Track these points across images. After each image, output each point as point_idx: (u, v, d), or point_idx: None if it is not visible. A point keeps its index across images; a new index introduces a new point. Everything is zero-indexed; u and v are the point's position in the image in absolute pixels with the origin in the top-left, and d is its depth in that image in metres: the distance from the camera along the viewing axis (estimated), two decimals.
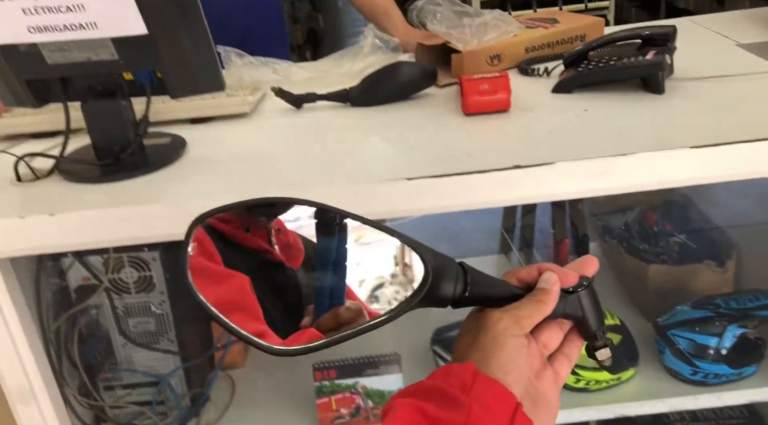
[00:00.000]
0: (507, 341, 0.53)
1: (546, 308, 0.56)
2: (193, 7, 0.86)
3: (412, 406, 0.48)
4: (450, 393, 0.48)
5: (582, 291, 0.58)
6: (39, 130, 1.08)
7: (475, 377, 0.50)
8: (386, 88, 1.12)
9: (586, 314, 0.58)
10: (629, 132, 0.89)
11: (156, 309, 1.04)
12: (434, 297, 0.53)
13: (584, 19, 1.28)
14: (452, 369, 0.51)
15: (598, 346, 0.59)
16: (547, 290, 0.56)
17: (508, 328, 0.54)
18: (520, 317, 0.54)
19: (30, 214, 0.82)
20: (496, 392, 0.50)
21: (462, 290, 0.54)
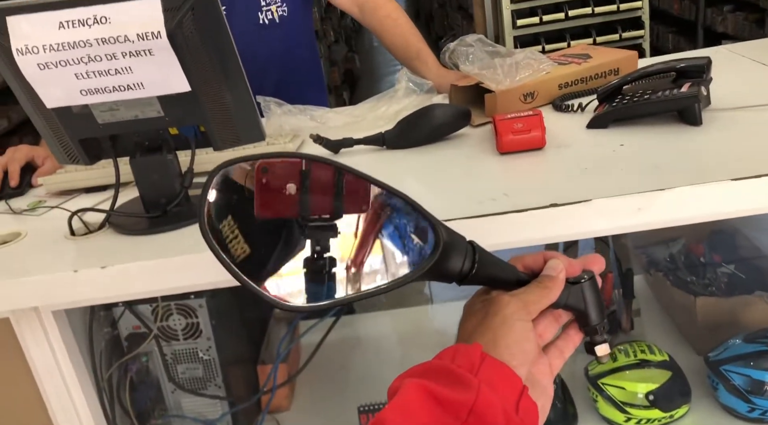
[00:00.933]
0: (515, 324, 0.54)
1: (552, 294, 0.57)
2: (234, 63, 0.90)
3: (420, 386, 0.48)
4: (458, 374, 0.49)
5: (585, 282, 0.59)
6: (90, 184, 1.13)
7: (483, 358, 0.50)
8: (421, 130, 1.14)
9: (588, 306, 0.59)
10: (667, 166, 0.89)
11: (203, 355, 1.07)
12: (442, 269, 0.54)
13: (617, 53, 1.29)
14: (460, 349, 0.51)
15: (598, 341, 0.60)
16: (554, 277, 0.57)
17: (517, 312, 0.55)
18: (528, 302, 0.55)
19: (83, 268, 0.85)
20: (504, 374, 0.50)
21: (470, 267, 0.55)
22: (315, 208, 0.54)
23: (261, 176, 0.54)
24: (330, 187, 0.55)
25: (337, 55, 6.27)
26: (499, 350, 0.52)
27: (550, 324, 0.59)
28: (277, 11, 1.51)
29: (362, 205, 0.55)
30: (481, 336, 0.54)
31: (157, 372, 1.08)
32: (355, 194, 0.56)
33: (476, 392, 0.47)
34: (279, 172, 0.54)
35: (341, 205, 0.55)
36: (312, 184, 0.54)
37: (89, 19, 0.82)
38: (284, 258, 0.55)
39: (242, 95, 0.93)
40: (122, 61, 0.84)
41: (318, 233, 0.55)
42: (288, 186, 0.54)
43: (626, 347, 1.17)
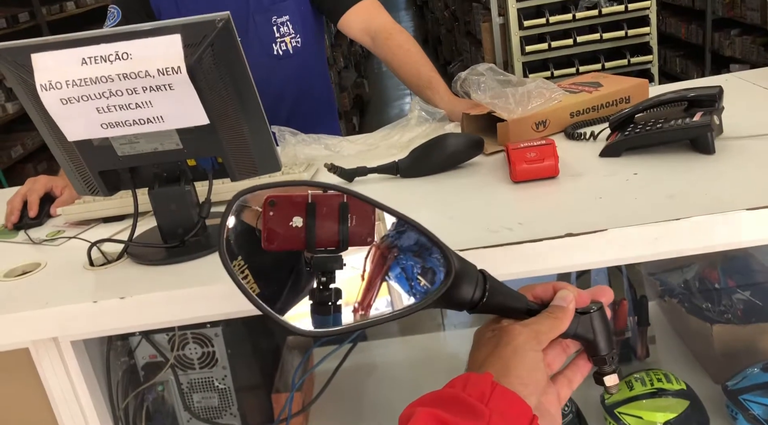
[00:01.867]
0: (527, 354, 0.55)
1: (562, 325, 0.57)
2: (251, 96, 0.91)
3: (431, 415, 0.48)
4: (469, 403, 0.49)
5: (594, 312, 0.59)
6: (108, 214, 1.15)
7: (493, 388, 0.51)
8: (434, 158, 1.15)
9: (597, 336, 0.59)
10: (681, 195, 0.89)
11: (219, 384, 1.07)
12: (454, 297, 0.55)
13: (628, 81, 1.30)
14: (471, 378, 0.52)
15: (607, 371, 0.60)
16: (564, 308, 0.58)
17: (528, 342, 0.55)
18: (540, 332, 0.56)
19: (102, 298, 0.86)
20: (514, 403, 0.51)
21: (480, 295, 0.56)
22: (321, 240, 0.55)
23: (268, 209, 0.55)
24: (335, 219, 0.56)
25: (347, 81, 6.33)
26: (511, 379, 0.53)
27: (559, 355, 0.60)
28: (291, 42, 1.54)
29: (367, 237, 0.57)
30: (493, 365, 0.55)
31: (173, 401, 1.09)
32: (361, 226, 0.57)
33: (487, 422, 0.48)
34: (286, 206, 0.55)
35: (347, 237, 0.56)
36: (318, 217, 0.55)
37: (111, 55, 0.84)
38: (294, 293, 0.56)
39: (259, 126, 0.95)
40: (143, 95, 0.85)
41: (324, 264, 0.56)
42: (294, 219, 0.55)
43: (642, 375, 1.16)
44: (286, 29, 1.54)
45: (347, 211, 0.56)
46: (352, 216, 0.56)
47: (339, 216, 0.56)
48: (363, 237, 0.57)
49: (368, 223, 0.57)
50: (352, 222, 0.56)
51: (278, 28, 1.54)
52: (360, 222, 0.56)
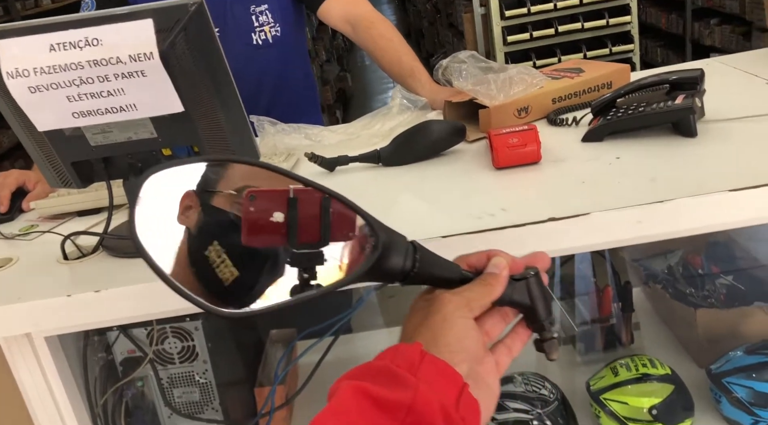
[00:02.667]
0: (456, 321, 0.54)
1: (495, 291, 0.57)
2: (227, 83, 0.89)
3: (356, 388, 0.48)
4: (397, 373, 0.48)
5: (530, 278, 0.59)
6: (83, 208, 1.12)
7: (422, 357, 0.50)
8: (416, 146, 1.14)
9: (534, 302, 0.59)
10: (664, 178, 0.88)
11: (200, 378, 1.05)
12: (383, 269, 0.54)
13: (609, 66, 1.29)
14: (400, 349, 0.51)
15: (546, 337, 0.59)
16: (496, 274, 0.57)
17: (458, 309, 0.55)
18: (470, 299, 0.56)
19: (76, 292, 0.84)
20: (444, 372, 0.50)
21: (411, 265, 0.55)
22: (302, 236, 0.54)
23: (248, 204, 0.54)
24: (317, 214, 0.55)
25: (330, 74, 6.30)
26: (440, 348, 0.52)
27: (497, 323, 0.59)
28: (270, 31, 1.52)
29: (349, 232, 0.56)
30: (422, 334, 0.54)
31: (152, 397, 1.07)
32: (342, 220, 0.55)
33: (414, 391, 0.47)
34: (266, 200, 0.54)
35: (328, 232, 0.55)
36: (300, 212, 0.54)
37: (80, 41, 0.81)
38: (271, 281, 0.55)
39: (236, 115, 0.92)
40: (114, 82, 0.83)
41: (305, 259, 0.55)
42: (275, 214, 0.54)
43: (627, 361, 1.16)
44: (265, 18, 1.52)
45: (329, 205, 0.55)
46: (334, 210, 0.55)
47: (320, 212, 0.55)
48: (345, 232, 0.55)
49: (349, 217, 0.55)
50: (333, 216, 0.55)
51: (257, 17, 1.51)
52: (341, 217, 0.55)
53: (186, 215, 0.53)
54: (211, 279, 0.52)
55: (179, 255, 0.52)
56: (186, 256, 0.52)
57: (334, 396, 0.48)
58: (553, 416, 1.12)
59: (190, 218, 0.53)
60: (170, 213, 0.53)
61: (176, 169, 0.54)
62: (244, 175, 0.55)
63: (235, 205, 0.54)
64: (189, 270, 0.52)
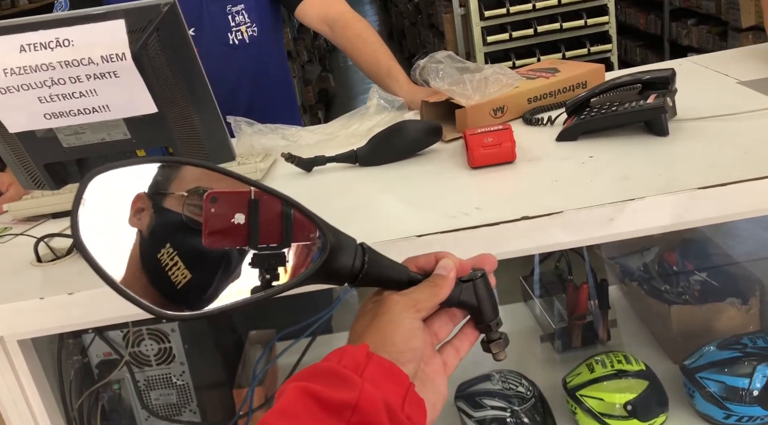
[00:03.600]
0: (403, 323, 0.55)
1: (442, 293, 0.57)
2: (201, 83, 0.89)
3: (302, 389, 0.48)
4: (342, 374, 0.49)
5: (477, 280, 0.60)
6: (57, 210, 1.11)
7: (369, 358, 0.51)
8: (393, 146, 1.14)
9: (481, 304, 0.60)
10: (636, 176, 0.90)
11: (177, 380, 1.05)
12: (332, 270, 0.55)
13: (584, 66, 1.30)
14: (347, 350, 0.52)
15: (493, 338, 0.61)
16: (444, 276, 0.58)
17: (406, 310, 0.55)
18: (418, 300, 0.56)
19: (49, 294, 0.83)
20: (390, 372, 0.51)
21: (360, 267, 0.56)
22: (264, 237, 0.54)
23: (209, 206, 0.53)
24: (278, 215, 0.55)
25: (311, 74, 6.28)
26: (387, 348, 0.53)
27: (445, 324, 0.60)
28: (246, 31, 1.51)
29: (310, 233, 0.56)
30: (370, 335, 0.55)
31: (129, 400, 1.06)
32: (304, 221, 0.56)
33: (359, 390, 0.48)
34: (227, 202, 0.54)
35: (290, 233, 0.55)
36: (261, 213, 0.54)
37: (51, 42, 0.81)
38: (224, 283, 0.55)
39: (210, 115, 0.92)
40: (87, 83, 0.83)
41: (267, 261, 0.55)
42: (236, 215, 0.54)
43: (603, 358, 1.17)
44: (241, 18, 1.51)
45: (290, 206, 0.55)
46: (295, 211, 0.55)
47: (282, 212, 0.55)
48: (306, 233, 0.56)
49: (310, 218, 0.55)
50: (295, 217, 0.55)
51: (233, 17, 1.51)
52: (302, 217, 0.55)
53: (138, 217, 0.52)
54: (164, 283, 0.52)
55: (131, 258, 0.52)
56: (138, 259, 0.52)
57: (281, 397, 0.48)
58: (530, 413, 1.13)
59: (142, 220, 0.52)
60: (119, 215, 0.52)
61: (124, 170, 0.53)
62: (197, 177, 0.55)
63: (189, 207, 0.54)
64: (140, 274, 0.52)
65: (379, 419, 0.47)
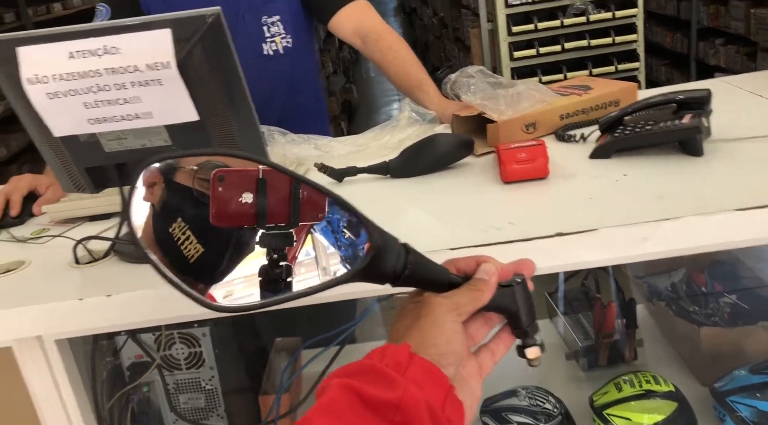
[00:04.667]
0: (446, 325, 0.55)
1: (483, 297, 0.58)
2: (241, 92, 0.91)
3: (346, 385, 0.49)
4: (385, 373, 0.49)
5: (516, 285, 0.60)
6: (94, 213, 1.13)
7: (411, 358, 0.51)
8: (425, 158, 1.15)
9: (519, 309, 0.60)
10: (670, 196, 0.89)
11: (206, 384, 1.06)
12: (375, 270, 0.55)
13: (617, 84, 1.30)
14: (388, 349, 0.52)
15: (529, 344, 0.60)
16: (486, 281, 0.58)
17: (448, 313, 0.56)
18: (460, 304, 0.57)
19: (88, 296, 0.85)
20: (431, 373, 0.51)
21: (402, 267, 0.56)
22: (272, 216, 0.54)
23: (217, 185, 0.54)
24: (287, 194, 0.55)
25: (335, 85, 6.32)
26: (428, 350, 0.53)
27: (482, 327, 0.60)
28: (281, 42, 1.53)
29: (318, 213, 0.56)
30: (412, 336, 0.55)
31: (158, 402, 1.07)
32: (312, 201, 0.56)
33: (402, 390, 0.48)
34: (235, 181, 0.54)
35: (298, 213, 0.55)
36: (269, 193, 0.54)
37: (99, 49, 0.83)
38: (237, 259, 0.55)
39: (248, 123, 0.94)
40: (131, 90, 0.84)
41: (274, 240, 0.55)
42: (244, 195, 0.54)
43: (631, 377, 1.17)
44: (276, 29, 1.53)
45: (299, 186, 0.55)
46: (304, 191, 0.55)
47: (290, 192, 0.55)
48: (314, 213, 0.56)
49: (319, 198, 0.55)
50: (303, 197, 0.55)
51: (268, 28, 1.53)
52: (311, 198, 0.55)
53: (151, 192, 0.53)
54: (177, 257, 0.53)
55: (145, 232, 0.52)
56: (152, 234, 0.52)
57: (324, 393, 0.49)
58: None
59: (154, 194, 0.53)
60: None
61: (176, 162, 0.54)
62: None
63: (199, 180, 0.54)
64: (155, 248, 0.52)
65: (421, 420, 0.47)
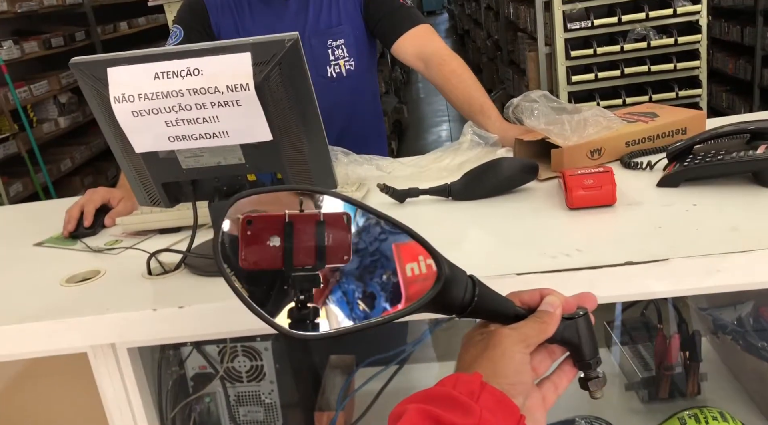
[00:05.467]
0: (515, 356, 0.56)
1: (549, 329, 0.59)
2: (313, 114, 0.93)
3: (424, 412, 0.49)
4: (460, 400, 0.50)
5: (580, 318, 0.60)
6: (165, 226, 1.17)
7: (482, 387, 0.52)
8: (488, 181, 1.15)
9: (582, 341, 0.60)
10: (745, 227, 0.88)
11: (265, 398, 1.07)
12: (444, 301, 0.56)
13: (684, 112, 1.28)
14: (461, 378, 0.53)
15: (591, 377, 0.61)
16: (551, 313, 0.59)
17: (516, 344, 0.57)
18: (527, 336, 0.58)
19: (161, 307, 0.88)
20: (503, 402, 0.52)
21: (470, 299, 0.57)
22: (299, 259, 0.56)
23: (246, 229, 0.56)
24: (313, 237, 0.57)
25: (387, 106, 6.38)
26: (499, 380, 0.54)
27: (545, 359, 0.61)
28: (345, 65, 1.57)
29: (344, 255, 0.57)
30: (481, 366, 0.56)
31: (219, 414, 1.09)
32: (338, 244, 0.57)
33: (478, 418, 0.49)
34: (263, 224, 0.56)
35: (324, 255, 0.57)
36: (296, 236, 0.56)
37: (183, 70, 0.87)
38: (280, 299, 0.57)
39: (319, 144, 0.96)
40: (211, 110, 0.88)
41: (302, 283, 0.56)
42: (272, 238, 0.56)
43: (696, 412, 1.13)
44: (340, 52, 1.57)
45: (323, 228, 0.57)
46: (329, 234, 0.57)
47: (316, 235, 0.57)
48: (340, 256, 0.57)
49: (345, 241, 0.57)
50: (329, 240, 0.57)
51: (333, 51, 1.57)
52: (337, 240, 0.57)
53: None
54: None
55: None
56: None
57: (401, 419, 0.50)
58: None
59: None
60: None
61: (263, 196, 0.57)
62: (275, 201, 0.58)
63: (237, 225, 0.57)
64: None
65: None
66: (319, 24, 1.55)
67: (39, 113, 4.66)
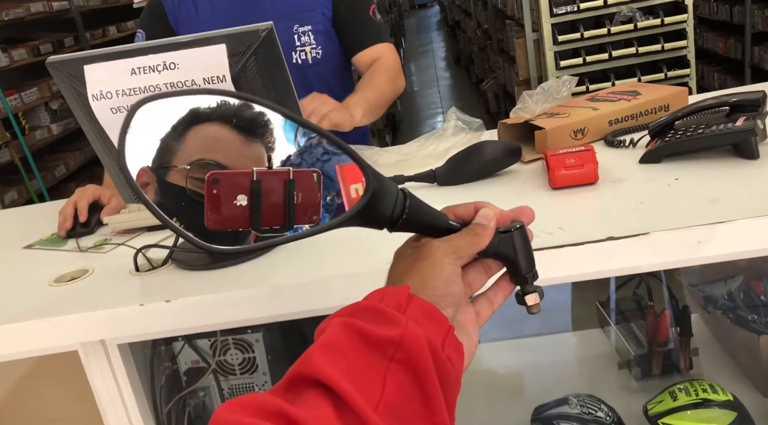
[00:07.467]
0: (445, 267, 0.55)
1: (482, 241, 0.57)
2: (293, 103, 0.94)
3: (346, 324, 0.49)
4: (385, 312, 0.49)
5: (515, 231, 0.59)
6: (153, 224, 1.17)
7: (410, 299, 0.51)
8: (472, 166, 1.15)
9: (518, 255, 0.59)
10: (725, 199, 0.88)
11: (259, 390, 1.08)
12: (372, 214, 0.55)
13: (666, 89, 1.29)
14: (388, 291, 0.52)
15: (528, 291, 0.60)
16: (484, 225, 0.58)
17: (446, 256, 0.56)
18: (459, 247, 0.56)
19: (148, 302, 0.89)
20: (431, 313, 0.51)
21: (400, 212, 0.56)
22: (266, 219, 0.54)
23: (211, 187, 0.53)
24: (281, 196, 0.55)
25: None
26: (428, 291, 0.53)
27: (480, 274, 0.60)
28: (311, 53, 1.55)
29: (313, 215, 0.56)
30: (411, 278, 0.55)
31: (213, 407, 1.10)
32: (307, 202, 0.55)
33: (403, 328, 0.48)
34: (230, 183, 0.54)
35: (293, 215, 0.55)
36: (263, 195, 0.54)
37: (159, 65, 0.87)
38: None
39: None
40: None
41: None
42: (239, 197, 0.54)
43: (686, 386, 1.14)
44: (307, 39, 1.55)
45: (293, 187, 0.55)
46: (298, 193, 0.55)
47: (285, 194, 0.55)
48: (309, 215, 0.56)
49: (314, 200, 0.55)
50: (298, 199, 0.55)
51: (299, 37, 1.54)
52: (306, 199, 0.55)
53: (145, 191, 0.53)
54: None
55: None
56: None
57: (324, 332, 0.49)
58: None
59: (149, 194, 0.53)
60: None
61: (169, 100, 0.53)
62: (199, 147, 0.55)
63: (192, 180, 0.55)
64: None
65: (421, 357, 0.48)
66: (288, 5, 1.53)
67: (31, 120, 4.65)
